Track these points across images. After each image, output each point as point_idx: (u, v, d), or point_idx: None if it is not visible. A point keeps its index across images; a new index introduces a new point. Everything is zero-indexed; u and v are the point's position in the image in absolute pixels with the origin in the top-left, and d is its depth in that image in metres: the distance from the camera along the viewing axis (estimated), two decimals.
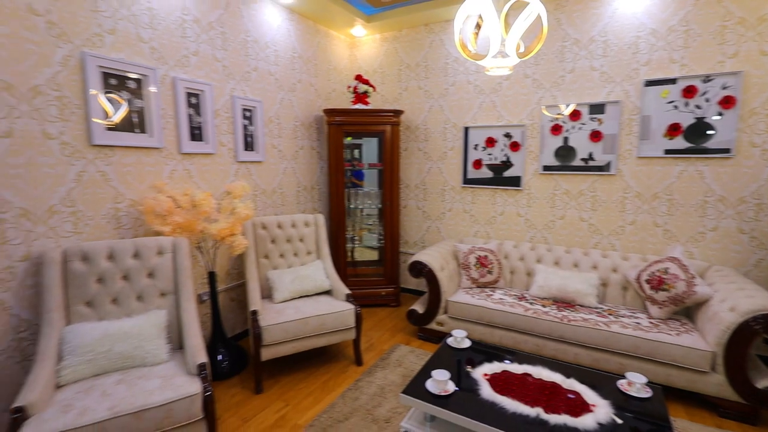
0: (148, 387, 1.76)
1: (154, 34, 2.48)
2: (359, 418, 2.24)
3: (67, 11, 2.07)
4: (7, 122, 1.89)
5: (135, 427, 1.63)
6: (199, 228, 2.44)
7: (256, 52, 3.19)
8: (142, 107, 2.41)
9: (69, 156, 2.12)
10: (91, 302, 2.06)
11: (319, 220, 3.31)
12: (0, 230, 1.90)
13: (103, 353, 1.87)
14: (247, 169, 3.19)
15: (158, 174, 2.54)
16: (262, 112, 3.26)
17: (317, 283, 2.98)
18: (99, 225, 2.27)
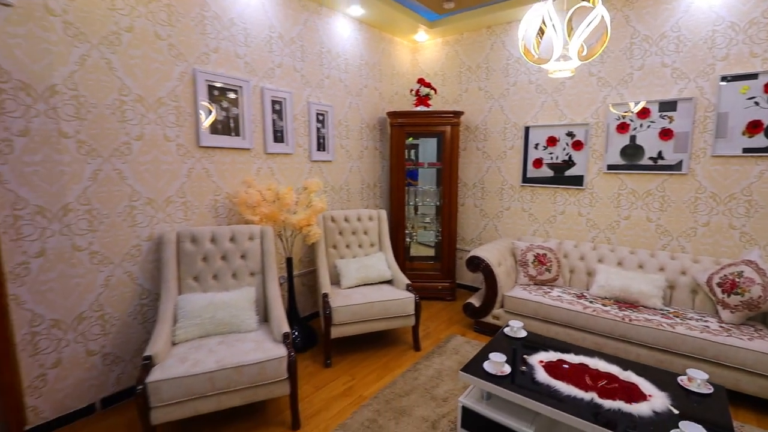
0: (244, 348, 2.10)
1: (248, 50, 2.87)
2: (418, 395, 2.44)
3: (183, 35, 2.50)
4: (139, 128, 2.35)
5: (236, 379, 1.97)
6: (282, 218, 2.79)
7: (329, 61, 3.52)
8: (237, 114, 2.81)
9: (182, 155, 2.56)
10: (197, 277, 2.47)
11: (382, 215, 3.56)
12: (131, 215, 2.36)
13: (208, 318, 2.26)
14: (319, 168, 3.53)
15: (248, 171, 2.94)
16: (333, 116, 3.58)
17: (380, 273, 3.23)
18: (202, 213, 2.70)
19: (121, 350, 2.37)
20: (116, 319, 2.33)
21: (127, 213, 2.33)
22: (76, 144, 2.11)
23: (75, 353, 2.19)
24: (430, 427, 2.16)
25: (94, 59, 2.14)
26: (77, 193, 2.13)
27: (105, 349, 2.30)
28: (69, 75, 2.06)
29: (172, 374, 1.87)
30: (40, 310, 2.05)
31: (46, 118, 2.00)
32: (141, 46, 2.32)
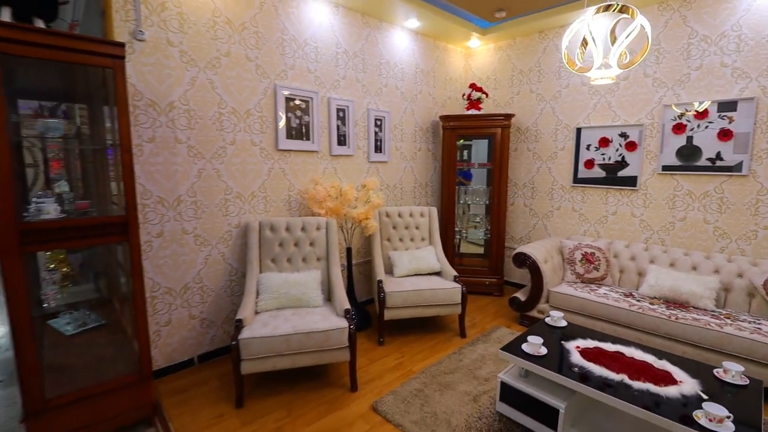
0: (312, 319, 2.50)
1: (317, 65, 3.30)
2: (462, 374, 2.69)
3: (267, 56, 2.97)
4: (232, 134, 2.85)
5: (306, 343, 2.37)
6: (344, 212, 3.18)
7: (386, 71, 3.87)
8: (308, 121, 3.25)
9: (264, 157, 3.04)
10: (274, 259, 2.93)
11: (433, 212, 3.83)
12: (225, 206, 2.87)
13: (283, 294, 2.69)
14: (376, 168, 3.89)
15: (315, 170, 3.37)
16: (389, 121, 3.92)
17: (429, 264, 3.51)
18: (278, 206, 3.17)
19: (214, 316, 2.89)
20: (211, 290, 2.86)
21: (222, 204, 2.84)
22: (187, 148, 2.64)
23: (181, 316, 2.73)
24: (471, 400, 2.41)
25: (201, 80, 2.66)
26: (186, 187, 2.66)
27: (203, 314, 2.83)
28: (183, 93, 2.59)
29: (258, 334, 2.31)
30: (158, 279, 2.60)
31: (166, 128, 2.54)
32: (235, 68, 2.81)
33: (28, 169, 2.19)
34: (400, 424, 2.19)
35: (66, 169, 2.39)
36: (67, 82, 2.36)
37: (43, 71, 2.15)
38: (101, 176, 2.61)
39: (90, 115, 2.65)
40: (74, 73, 2.25)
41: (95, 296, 2.87)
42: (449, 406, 2.35)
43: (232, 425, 2.19)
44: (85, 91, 2.46)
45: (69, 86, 2.40)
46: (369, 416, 2.28)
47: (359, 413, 2.30)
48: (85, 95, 2.55)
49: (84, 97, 2.59)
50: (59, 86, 2.42)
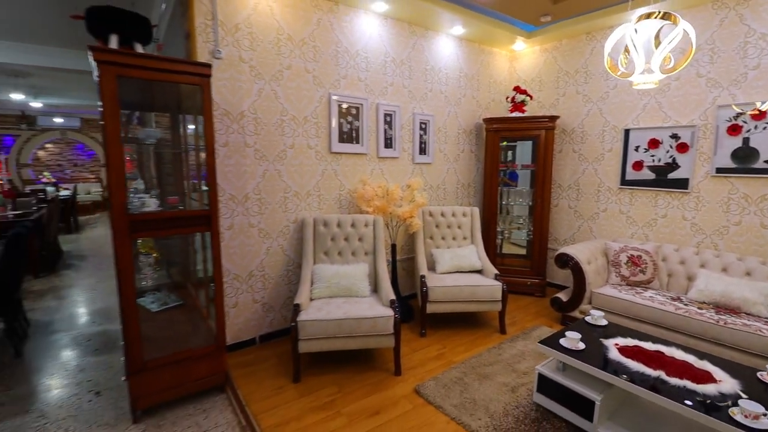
0: (361, 307, 2.74)
1: (367, 74, 3.55)
2: (501, 367, 2.82)
3: (322, 68, 3.27)
4: (292, 139, 3.16)
5: (356, 328, 2.61)
6: (390, 210, 3.41)
7: (432, 76, 4.05)
8: (358, 126, 3.51)
9: (318, 160, 3.33)
10: (327, 252, 3.21)
11: (475, 212, 3.96)
12: (284, 203, 3.19)
13: (334, 283, 2.96)
14: (420, 169, 4.08)
15: (364, 171, 3.62)
16: (434, 124, 4.10)
17: (471, 262, 3.65)
18: (330, 204, 3.46)
19: (273, 302, 3.22)
20: (272, 278, 3.19)
21: (281, 202, 3.17)
22: (254, 151, 2.98)
23: (246, 300, 3.08)
24: (509, 391, 2.53)
25: (266, 91, 3.00)
26: (253, 186, 3.01)
27: (264, 299, 3.17)
28: (251, 103, 2.94)
29: (313, 317, 2.58)
30: (228, 266, 2.97)
31: (237, 134, 2.90)
32: (295, 79, 3.13)
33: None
34: (441, 406, 2.37)
35: (157, 169, 2.80)
36: (156, 95, 2.77)
37: (138, 85, 2.55)
38: (181, 175, 3.03)
39: (172, 123, 3.08)
40: (163, 88, 2.65)
41: (168, 281, 3.31)
42: (488, 395, 2.49)
43: (291, 396, 2.48)
44: (171, 102, 2.87)
45: (158, 99, 2.81)
46: (412, 397, 2.48)
47: (403, 394, 2.51)
48: (170, 106, 2.98)
49: (169, 108, 3.01)
50: (150, 99, 2.85)
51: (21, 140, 10.98)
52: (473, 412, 2.31)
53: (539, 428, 2.18)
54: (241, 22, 2.85)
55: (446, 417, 2.29)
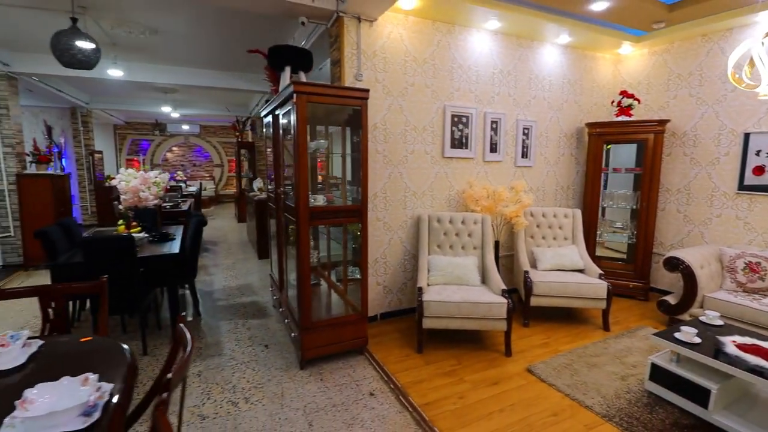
0: (475, 294, 3.12)
1: (477, 86, 3.92)
2: (608, 358, 3.01)
3: (439, 83, 3.70)
4: (412, 146, 3.65)
5: (473, 311, 3.00)
6: (497, 210, 3.74)
7: (535, 84, 4.28)
8: (467, 133, 3.90)
9: (432, 164, 3.78)
10: (440, 245, 3.65)
11: (577, 213, 4.12)
12: (404, 201, 3.68)
13: (449, 272, 3.38)
14: (521, 172, 4.34)
15: (470, 174, 4.00)
16: (536, 129, 4.33)
17: (573, 261, 3.83)
18: (441, 203, 3.89)
19: (392, 286, 3.74)
20: (391, 265, 3.71)
21: (402, 200, 3.67)
22: (382, 157, 3.52)
23: (371, 282, 3.63)
24: (619, 379, 2.74)
25: (394, 106, 3.52)
26: (381, 186, 3.54)
27: (384, 282, 3.70)
28: (382, 117, 3.47)
29: (436, 299, 3.03)
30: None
31: (371, 143, 3.45)
32: (417, 94, 3.61)
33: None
34: (554, 384, 2.66)
35: (313, 171, 3.46)
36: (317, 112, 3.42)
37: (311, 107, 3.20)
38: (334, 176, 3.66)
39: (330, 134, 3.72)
40: (326, 107, 3.27)
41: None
42: (598, 380, 2.72)
43: (417, 363, 2.95)
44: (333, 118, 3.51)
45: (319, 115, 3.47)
46: (524, 375, 2.80)
47: (515, 372, 2.84)
48: (332, 121, 3.62)
49: (331, 122, 3.65)
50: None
51: (154, 144, 13.12)
52: (585, 392, 2.57)
53: (652, 411, 2.38)
54: (378, 49, 3.39)
55: (560, 393, 2.58)
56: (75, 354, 1.56)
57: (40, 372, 1.40)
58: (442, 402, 2.49)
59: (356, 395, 2.54)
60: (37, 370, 1.42)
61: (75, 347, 1.63)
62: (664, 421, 2.29)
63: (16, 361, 1.46)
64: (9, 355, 1.48)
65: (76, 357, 1.53)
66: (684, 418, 2.32)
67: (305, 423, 2.27)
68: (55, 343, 1.62)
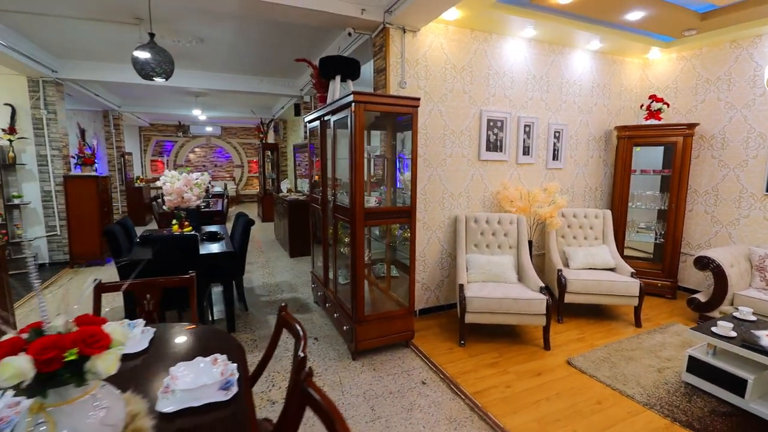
0: (515, 290, 3.29)
1: (512, 91, 4.08)
2: (643, 352, 3.16)
3: (476, 89, 3.87)
4: (450, 149, 3.82)
5: (513, 306, 3.16)
6: (532, 210, 3.90)
7: (566, 89, 4.43)
8: (502, 137, 4.06)
9: (469, 166, 3.95)
10: (477, 244, 3.82)
11: (607, 214, 4.26)
12: (442, 202, 3.86)
13: (487, 270, 3.55)
14: (552, 174, 4.49)
15: (504, 176, 4.16)
16: (567, 132, 4.47)
17: (604, 260, 3.97)
18: (476, 204, 4.06)
19: (430, 283, 3.92)
20: (429, 263, 3.89)
21: (440, 201, 3.85)
22: (423, 160, 3.70)
23: None
24: (656, 371, 2.89)
25: (434, 111, 3.69)
26: (421, 188, 3.73)
27: (423, 280, 3.88)
28: (423, 122, 3.65)
29: (478, 295, 3.20)
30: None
31: None
32: (455, 100, 3.78)
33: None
34: (594, 376, 2.82)
35: None
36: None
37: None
38: (383, 179, 3.84)
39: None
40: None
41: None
42: (636, 372, 2.88)
43: (461, 355, 3.12)
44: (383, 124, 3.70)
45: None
46: (565, 367, 2.96)
47: (556, 364, 3.00)
48: (383, 126, 3.81)
49: (383, 127, 3.84)
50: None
51: (177, 145, 13.47)
52: (625, 383, 2.73)
53: (690, 400, 2.53)
54: (420, 57, 3.57)
55: (601, 384, 2.74)
56: (188, 339, 1.76)
57: (162, 355, 1.61)
58: (491, 390, 2.66)
59: (409, 384, 2.73)
60: (158, 353, 1.62)
61: (184, 333, 1.84)
62: (702, 409, 2.44)
63: (140, 345, 1.67)
64: (133, 340, 1.69)
65: (190, 342, 1.74)
66: (721, 406, 2.46)
67: (367, 408, 2.46)
68: (165, 331, 1.83)
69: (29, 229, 5.65)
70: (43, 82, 5.46)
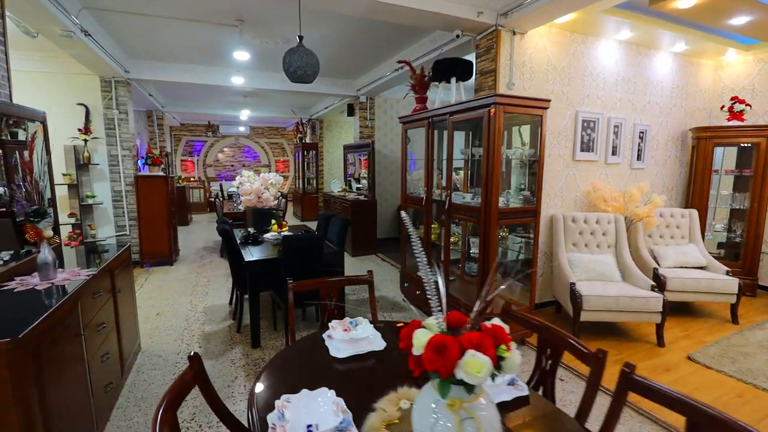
0: (623, 288, 3.35)
1: (603, 92, 4.14)
2: (755, 348, 3.23)
3: (572, 90, 3.93)
4: (548, 150, 3.88)
5: (630, 304, 3.23)
6: (627, 210, 3.97)
7: (650, 90, 4.49)
8: (594, 137, 4.12)
9: (564, 166, 4.01)
10: (575, 244, 3.88)
11: (693, 213, 4.33)
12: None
13: (591, 269, 3.61)
14: (635, 174, 4.55)
15: (593, 176, 4.22)
16: (649, 133, 4.54)
17: (695, 259, 4.04)
18: (569, 203, 4.12)
19: None
20: None
21: None
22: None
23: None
24: None
25: None
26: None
27: None
28: None
29: (594, 293, 3.27)
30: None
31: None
32: (555, 101, 3.84)
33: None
34: (722, 371, 2.89)
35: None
36: None
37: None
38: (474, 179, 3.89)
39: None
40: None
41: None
42: (759, 367, 2.94)
43: None
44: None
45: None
46: (687, 364, 3.03)
47: (677, 361, 3.07)
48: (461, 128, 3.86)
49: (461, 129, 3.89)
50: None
51: (207, 145, 13.50)
52: (755, 377, 2.80)
53: None
54: (526, 59, 3.63)
55: (732, 378, 2.81)
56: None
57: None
58: None
59: None
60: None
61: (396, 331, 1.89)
62: None
63: (378, 343, 1.69)
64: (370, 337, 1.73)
65: None
66: None
67: None
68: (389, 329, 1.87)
69: (100, 229, 5.70)
70: (115, 81, 5.51)
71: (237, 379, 2.73)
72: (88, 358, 1.97)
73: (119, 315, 2.55)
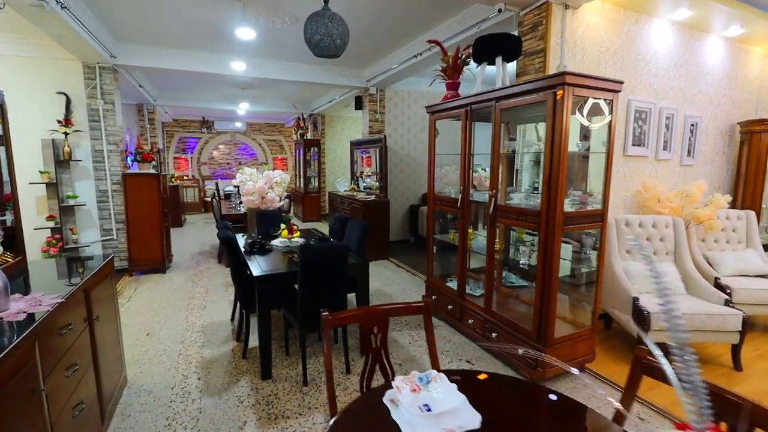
0: (692, 304, 2.88)
1: (656, 79, 3.67)
2: None
3: (625, 76, 3.45)
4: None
5: (707, 322, 2.76)
6: (687, 211, 3.50)
7: (701, 78, 4.03)
8: (645, 130, 3.65)
9: (615, 162, 3.51)
10: (629, 250, 3.41)
11: (750, 215, 3.88)
12: None
13: None
14: (684, 171, 4.10)
15: (643, 173, 3.76)
16: (700, 126, 4.08)
17: (757, 267, 3.59)
18: (617, 205, 3.65)
19: None
20: None
21: None
22: None
23: None
24: None
25: None
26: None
27: None
28: None
29: (657, 309, 2.79)
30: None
31: None
32: None
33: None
34: None
35: None
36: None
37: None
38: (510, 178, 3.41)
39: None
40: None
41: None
42: None
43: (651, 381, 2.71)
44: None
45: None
46: None
47: (765, 389, 2.61)
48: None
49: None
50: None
51: (201, 142, 12.87)
52: None
53: None
54: (578, 38, 3.15)
55: None
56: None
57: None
58: None
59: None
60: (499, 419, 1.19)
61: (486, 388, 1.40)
62: None
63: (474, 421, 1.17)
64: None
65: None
66: None
67: None
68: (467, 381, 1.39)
69: (82, 233, 5.12)
70: (99, 68, 4.92)
71: (247, 425, 2.19)
72: (52, 420, 1.44)
73: (97, 348, 2.01)
